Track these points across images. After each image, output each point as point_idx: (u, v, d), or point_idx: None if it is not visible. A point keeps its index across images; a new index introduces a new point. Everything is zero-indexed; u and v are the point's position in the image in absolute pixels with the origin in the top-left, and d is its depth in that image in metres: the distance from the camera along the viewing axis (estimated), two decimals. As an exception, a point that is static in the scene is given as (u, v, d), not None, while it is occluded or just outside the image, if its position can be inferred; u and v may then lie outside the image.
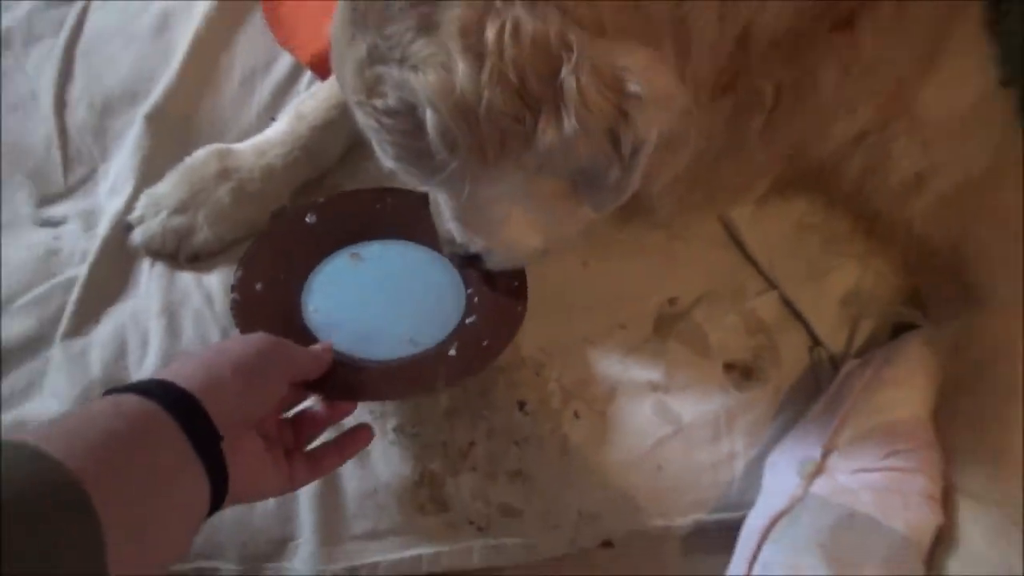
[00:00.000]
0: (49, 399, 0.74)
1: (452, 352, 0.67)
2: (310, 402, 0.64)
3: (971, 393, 0.63)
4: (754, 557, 0.62)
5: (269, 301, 0.70)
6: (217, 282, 0.78)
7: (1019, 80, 0.69)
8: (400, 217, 0.75)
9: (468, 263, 0.67)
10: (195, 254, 0.79)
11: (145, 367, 0.75)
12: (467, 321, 0.69)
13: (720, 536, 0.68)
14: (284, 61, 0.87)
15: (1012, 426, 0.61)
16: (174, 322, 0.76)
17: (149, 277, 0.79)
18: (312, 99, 0.81)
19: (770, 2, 0.45)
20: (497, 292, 0.70)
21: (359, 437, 0.64)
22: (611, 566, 0.72)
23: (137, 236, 0.79)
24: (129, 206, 0.80)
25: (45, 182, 0.84)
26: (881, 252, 0.73)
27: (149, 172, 0.81)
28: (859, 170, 0.65)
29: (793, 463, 0.65)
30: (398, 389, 0.67)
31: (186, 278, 0.78)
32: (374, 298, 0.72)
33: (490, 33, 0.41)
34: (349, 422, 0.66)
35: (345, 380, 0.64)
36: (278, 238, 0.74)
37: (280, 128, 0.81)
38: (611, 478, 0.71)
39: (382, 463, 0.71)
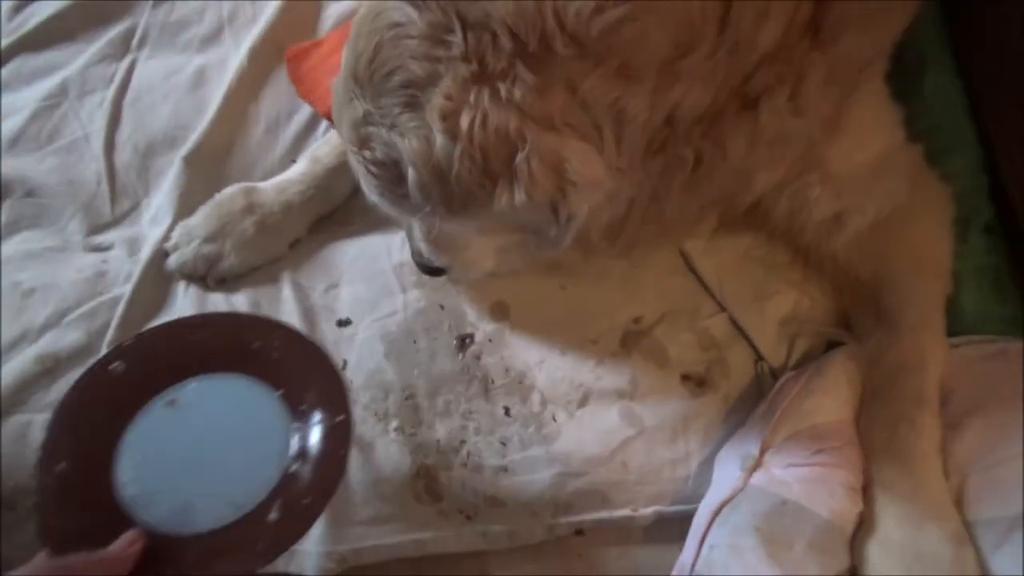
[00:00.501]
0: None
1: (273, 516, 0.64)
2: None
3: (885, 400, 0.73)
4: (703, 538, 0.72)
5: (74, 484, 0.64)
6: (243, 301, 0.89)
7: (929, 136, 0.81)
8: (218, 346, 0.70)
9: (432, 273, 0.79)
10: (222, 277, 0.90)
11: (180, 375, 0.86)
12: (291, 470, 0.66)
13: (678, 525, 0.76)
14: (304, 111, 0.98)
15: (919, 429, 0.71)
16: (207, 335, 0.87)
17: (184, 296, 0.89)
18: (327, 145, 0.92)
19: (689, 94, 0.56)
20: (322, 427, 0.67)
21: None
22: (583, 552, 0.81)
23: (172, 262, 0.90)
24: (168, 235, 0.91)
25: (95, 213, 0.95)
26: (815, 280, 0.83)
27: (185, 206, 0.92)
28: (786, 212, 0.75)
29: (736, 459, 0.75)
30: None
31: (217, 298, 0.89)
32: (193, 454, 0.67)
33: (464, 121, 0.51)
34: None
35: (156, 572, 0.60)
36: (82, 402, 0.68)
37: (298, 169, 0.92)
38: (583, 473, 0.80)
39: (384, 458, 0.81)
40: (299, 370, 0.70)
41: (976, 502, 0.69)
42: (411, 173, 0.56)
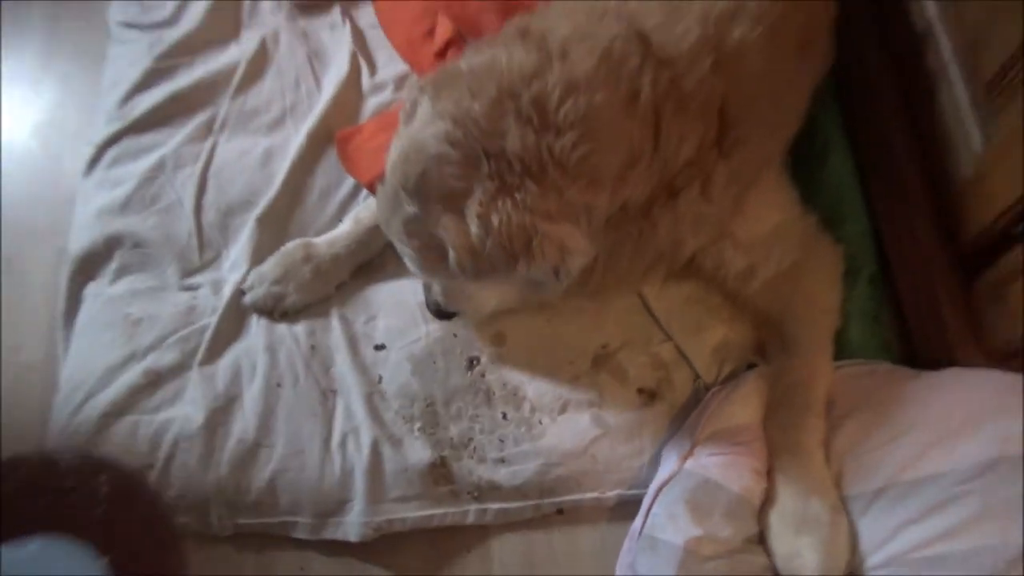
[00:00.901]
0: (188, 406, 1.10)
1: None
2: None
3: (785, 408, 0.97)
4: (649, 509, 0.96)
5: None
6: (302, 330, 1.14)
7: (831, 207, 1.07)
8: (27, 501, 0.59)
9: (443, 317, 1.04)
10: (285, 312, 1.15)
11: (254, 386, 1.10)
12: None
13: (635, 506, 0.99)
14: (348, 183, 1.23)
15: (806, 430, 0.95)
16: (274, 356, 1.12)
17: (257, 326, 1.15)
18: (366, 209, 1.17)
19: (634, 192, 0.82)
20: None
21: None
22: (562, 527, 1.06)
23: (247, 299, 1.16)
24: (244, 279, 1.16)
25: (187, 261, 1.20)
26: (739, 318, 1.07)
27: (257, 256, 1.18)
28: (712, 267, 1.00)
29: (675, 451, 1.00)
30: None
31: (282, 327, 1.14)
32: None
33: (495, 220, 0.75)
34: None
35: None
36: None
37: (344, 228, 1.17)
38: (562, 464, 1.05)
39: (411, 451, 1.05)
40: (128, 527, 0.60)
41: (849, 482, 0.93)
42: (452, 255, 0.80)
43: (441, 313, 1.05)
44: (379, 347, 1.13)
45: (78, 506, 0.59)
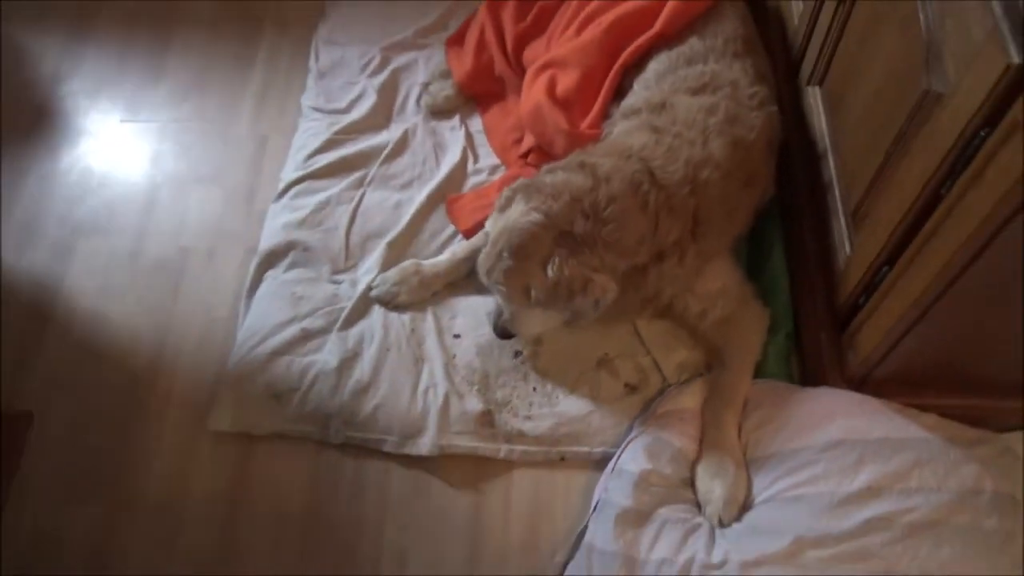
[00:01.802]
0: (327, 355, 1.64)
1: None
2: None
3: (715, 400, 1.49)
4: (620, 455, 1.48)
5: None
6: (407, 318, 1.69)
7: (768, 286, 1.64)
8: None
9: (504, 337, 1.57)
10: (397, 305, 1.71)
11: (372, 348, 1.66)
12: None
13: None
14: (450, 229, 1.81)
15: (727, 416, 1.46)
16: (387, 331, 1.67)
17: (377, 311, 1.71)
18: (460, 247, 1.75)
19: (638, 259, 1.39)
20: None
21: None
22: (564, 469, 1.56)
23: (373, 293, 1.73)
24: (373, 280, 1.74)
25: (336, 264, 1.78)
26: (696, 345, 1.61)
27: (384, 267, 1.75)
28: (680, 309, 1.55)
29: (642, 421, 1.52)
30: None
31: (393, 315, 1.70)
32: None
33: (565, 271, 1.32)
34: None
35: None
36: None
37: (444, 257, 1.75)
38: (568, 426, 1.56)
39: (469, 403, 1.58)
40: None
41: (750, 449, 1.44)
42: (534, 292, 1.37)
43: (504, 334, 1.60)
44: (456, 336, 1.68)
45: None
